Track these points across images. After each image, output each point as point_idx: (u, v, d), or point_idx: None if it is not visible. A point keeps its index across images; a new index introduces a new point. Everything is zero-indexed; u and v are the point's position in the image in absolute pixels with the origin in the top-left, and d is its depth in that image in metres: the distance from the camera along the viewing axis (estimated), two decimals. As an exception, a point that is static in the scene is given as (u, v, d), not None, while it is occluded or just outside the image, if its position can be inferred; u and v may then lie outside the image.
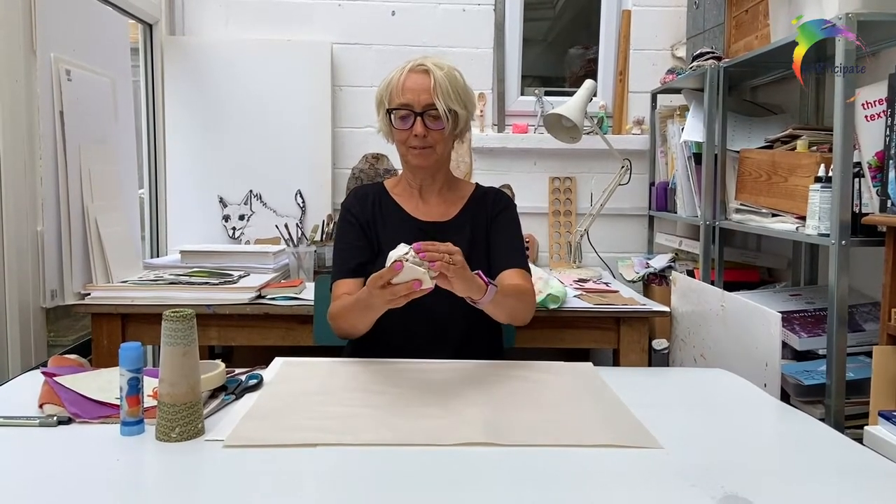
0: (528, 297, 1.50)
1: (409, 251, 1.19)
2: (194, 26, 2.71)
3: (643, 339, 1.99)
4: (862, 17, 1.51)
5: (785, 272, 2.36)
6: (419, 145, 1.47)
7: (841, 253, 1.52)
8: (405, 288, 1.19)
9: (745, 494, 0.85)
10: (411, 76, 1.47)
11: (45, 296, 1.81)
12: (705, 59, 2.24)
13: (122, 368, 1.00)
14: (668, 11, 2.79)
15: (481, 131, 2.78)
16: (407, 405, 1.15)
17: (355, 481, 0.90)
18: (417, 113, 1.45)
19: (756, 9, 2.10)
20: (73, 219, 1.88)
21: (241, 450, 0.97)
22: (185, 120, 2.63)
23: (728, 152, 2.13)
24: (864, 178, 1.55)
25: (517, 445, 0.99)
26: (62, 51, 1.88)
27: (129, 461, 0.95)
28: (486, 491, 0.88)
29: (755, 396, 1.29)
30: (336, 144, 2.74)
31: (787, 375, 1.64)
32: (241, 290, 1.93)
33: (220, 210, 2.65)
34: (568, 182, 2.83)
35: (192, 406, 1.00)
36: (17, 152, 1.72)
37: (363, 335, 1.57)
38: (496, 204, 1.60)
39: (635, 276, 2.54)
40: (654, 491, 0.88)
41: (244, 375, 1.25)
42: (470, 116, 1.55)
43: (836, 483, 0.92)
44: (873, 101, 1.52)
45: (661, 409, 1.18)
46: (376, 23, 2.74)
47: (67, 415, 1.06)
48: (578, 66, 3.00)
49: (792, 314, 1.83)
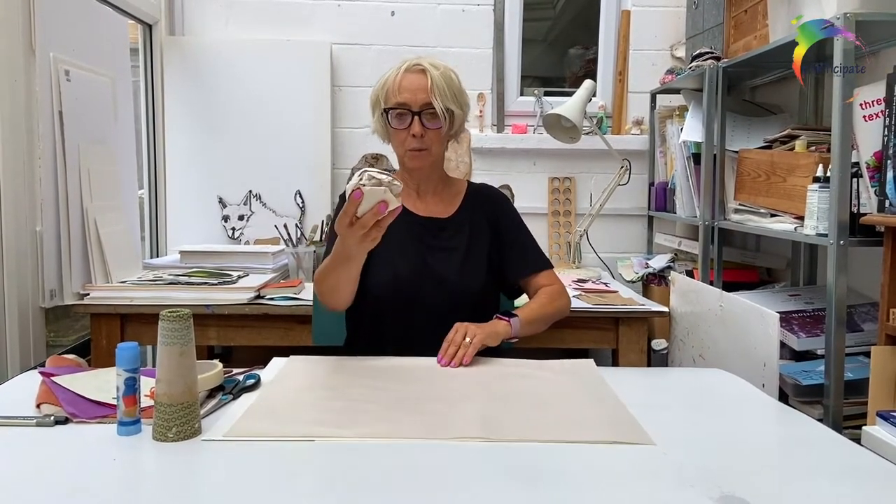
0: (558, 297, 1.55)
1: (363, 177, 1.16)
2: (194, 26, 2.71)
3: (642, 339, 1.99)
4: (861, 16, 1.51)
5: (784, 272, 2.36)
6: (416, 146, 1.47)
7: (839, 253, 1.52)
8: (372, 216, 1.18)
9: (743, 494, 0.85)
10: (407, 76, 1.46)
11: (45, 296, 1.81)
12: (704, 59, 2.24)
13: (119, 368, 1.00)
14: (667, 12, 2.79)
15: (480, 131, 2.78)
16: (405, 400, 1.15)
17: (353, 475, 0.90)
18: (415, 112, 1.45)
19: (755, 9, 2.10)
20: (73, 219, 1.88)
21: (239, 449, 0.97)
22: (185, 120, 2.63)
23: (727, 152, 2.13)
24: (863, 178, 1.54)
25: (513, 441, 0.99)
26: (61, 51, 1.88)
27: (126, 461, 0.95)
28: (482, 486, 0.87)
29: (753, 396, 1.29)
30: (335, 144, 2.74)
31: (786, 375, 1.64)
32: (240, 291, 1.93)
33: (220, 210, 2.65)
34: (567, 182, 2.83)
35: (188, 406, 1.00)
36: (16, 152, 1.72)
37: (363, 334, 1.57)
38: (493, 202, 1.61)
39: (634, 276, 2.54)
40: (652, 490, 0.88)
41: (242, 375, 1.25)
42: (465, 117, 1.56)
43: (834, 483, 0.92)
44: (871, 101, 1.52)
45: (659, 409, 1.18)
46: (376, 23, 2.75)
47: (64, 414, 1.06)
48: (578, 66, 3.00)
49: (791, 314, 1.83)
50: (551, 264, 1.62)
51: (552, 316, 1.53)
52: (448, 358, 1.32)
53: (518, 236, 1.60)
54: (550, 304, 1.52)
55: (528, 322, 1.45)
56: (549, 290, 1.55)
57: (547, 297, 1.53)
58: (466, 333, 1.35)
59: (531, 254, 1.59)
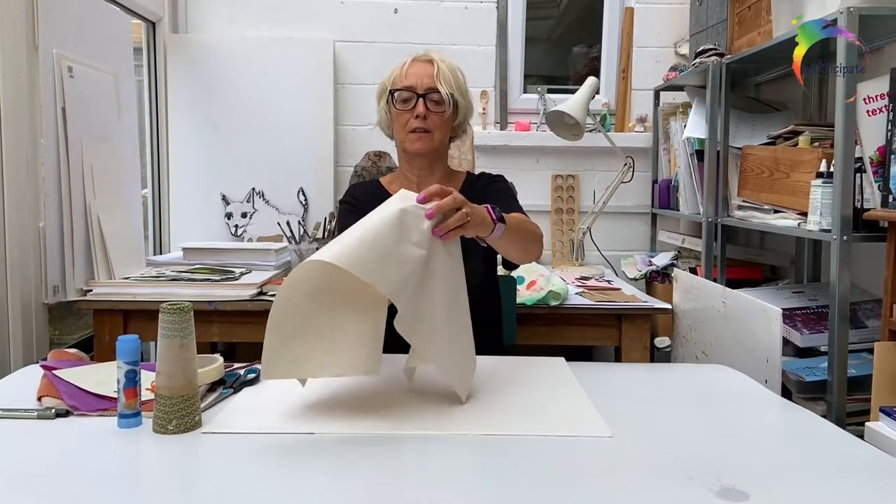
0: (531, 226, 1.43)
1: None
2: (197, 24, 2.72)
3: (645, 336, 1.98)
4: (864, 11, 1.50)
5: (788, 270, 2.36)
6: (419, 127, 1.48)
7: (842, 248, 1.52)
8: None
9: (743, 488, 0.84)
10: (415, 64, 1.51)
11: (48, 292, 1.82)
12: (708, 55, 2.23)
13: (120, 361, 1.00)
14: (670, 8, 2.79)
15: (484, 129, 2.78)
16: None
17: (352, 468, 0.90)
18: (420, 94, 1.47)
19: (758, 5, 2.09)
20: (76, 215, 1.89)
21: (239, 442, 0.97)
22: (188, 118, 2.64)
23: (730, 149, 2.12)
24: (866, 174, 1.54)
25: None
26: (64, 47, 1.89)
27: (126, 453, 0.95)
28: (481, 483, 0.87)
29: (756, 392, 1.29)
30: (338, 142, 2.75)
31: (789, 372, 1.64)
32: (243, 287, 1.93)
33: (223, 207, 2.65)
34: (570, 180, 2.82)
35: (188, 399, 1.00)
36: (19, 149, 1.72)
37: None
38: (487, 182, 1.62)
39: (638, 273, 2.53)
40: (652, 483, 0.87)
41: (243, 370, 1.26)
42: (469, 113, 1.57)
43: (836, 478, 0.91)
44: (875, 95, 1.51)
45: (661, 403, 1.18)
46: (379, 20, 2.74)
47: (65, 407, 1.07)
48: (582, 64, 3.00)
49: (794, 311, 1.83)
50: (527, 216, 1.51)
51: (528, 234, 1.39)
52: (444, 230, 1.11)
53: (499, 196, 1.52)
54: (528, 223, 1.41)
55: (508, 233, 1.27)
56: (525, 218, 1.45)
57: (520, 221, 1.39)
58: (463, 209, 1.14)
59: (503, 202, 1.45)
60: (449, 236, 1.11)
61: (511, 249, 1.35)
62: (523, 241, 1.37)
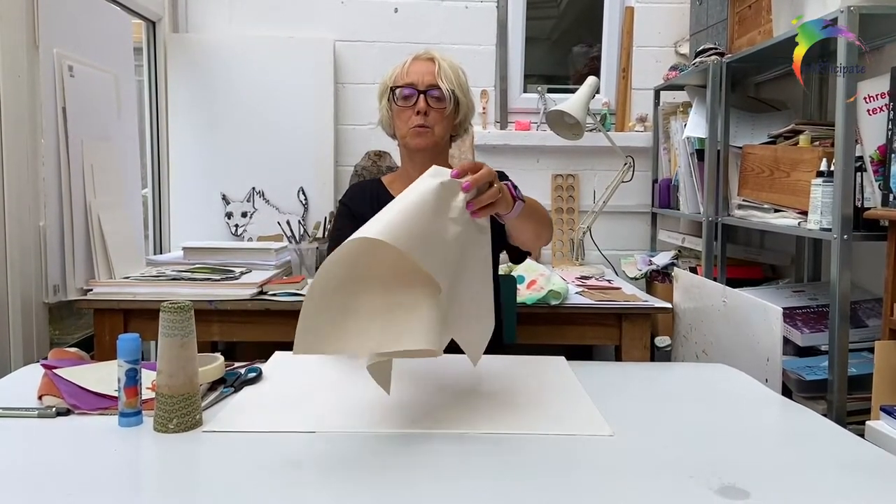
0: (544, 210, 1.44)
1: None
2: (197, 23, 2.72)
3: (645, 335, 1.98)
4: (864, 10, 1.50)
5: (788, 269, 2.36)
6: (420, 123, 1.49)
7: (843, 247, 1.52)
8: None
9: (743, 486, 0.84)
10: (416, 62, 1.52)
11: (48, 291, 1.82)
12: (708, 55, 2.24)
13: (120, 360, 1.00)
14: (670, 8, 2.79)
15: (484, 128, 2.78)
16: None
17: (353, 466, 0.90)
18: (421, 91, 1.49)
19: (759, 4, 2.09)
20: (76, 214, 1.89)
21: (239, 441, 0.97)
22: (189, 117, 2.64)
23: (731, 148, 2.12)
24: (867, 172, 1.54)
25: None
26: (65, 47, 1.89)
27: (127, 452, 0.95)
28: (480, 480, 0.87)
29: (756, 391, 1.29)
30: (339, 141, 2.75)
31: (790, 371, 1.64)
32: (243, 287, 1.94)
33: (223, 207, 2.66)
34: (570, 179, 2.82)
35: (189, 397, 1.00)
36: (19, 148, 1.72)
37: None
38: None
39: (638, 273, 2.53)
40: (651, 481, 0.87)
41: (243, 369, 1.26)
42: (470, 111, 1.57)
43: (837, 476, 0.91)
44: (875, 94, 1.51)
45: (661, 402, 1.18)
46: (379, 20, 2.75)
47: (66, 406, 1.07)
48: (582, 63, 3.00)
49: (795, 310, 1.83)
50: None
51: (541, 217, 1.40)
52: (478, 205, 1.08)
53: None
54: (541, 207, 1.42)
55: (526, 208, 1.25)
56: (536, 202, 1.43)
57: (534, 205, 1.38)
58: (495, 184, 1.11)
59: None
60: (480, 213, 1.09)
61: (525, 230, 1.36)
62: (536, 223, 1.37)
